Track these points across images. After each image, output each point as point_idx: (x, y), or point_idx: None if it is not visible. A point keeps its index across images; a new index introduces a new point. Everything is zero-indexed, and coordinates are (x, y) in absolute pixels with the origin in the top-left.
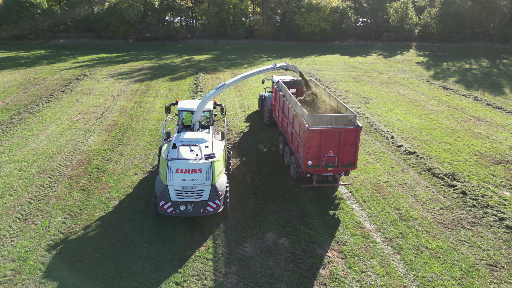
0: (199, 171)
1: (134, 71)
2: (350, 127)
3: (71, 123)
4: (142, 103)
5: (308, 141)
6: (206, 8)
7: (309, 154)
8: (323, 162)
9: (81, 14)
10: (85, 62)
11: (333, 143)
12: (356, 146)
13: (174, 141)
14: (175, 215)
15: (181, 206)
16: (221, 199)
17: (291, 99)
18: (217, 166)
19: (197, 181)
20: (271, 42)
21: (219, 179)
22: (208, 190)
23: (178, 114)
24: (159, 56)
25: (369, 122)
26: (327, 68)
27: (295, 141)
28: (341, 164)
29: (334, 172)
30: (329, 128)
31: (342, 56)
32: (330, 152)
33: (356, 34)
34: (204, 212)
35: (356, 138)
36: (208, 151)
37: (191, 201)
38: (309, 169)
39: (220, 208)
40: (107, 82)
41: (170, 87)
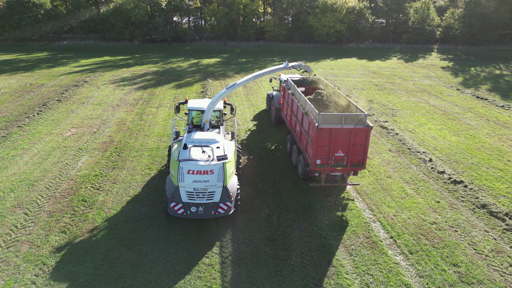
0: (211, 172)
1: (137, 76)
2: (360, 126)
3: (62, 139)
4: (144, 114)
5: (318, 139)
6: (215, 9)
7: (318, 153)
8: (332, 161)
9: (86, 15)
10: (87, 66)
11: (342, 142)
12: (366, 146)
13: (185, 141)
14: (185, 216)
15: (192, 208)
16: (232, 201)
17: (300, 97)
18: (228, 167)
19: (208, 182)
20: (282, 44)
21: (230, 180)
22: (220, 192)
23: (188, 113)
24: (165, 59)
25: (400, 139)
26: (345, 74)
27: (303, 140)
28: (350, 163)
29: (343, 172)
30: (339, 127)
31: (359, 60)
32: (339, 151)
33: (374, 36)
34: (215, 214)
35: (366, 138)
36: (220, 152)
37: (202, 203)
38: (317, 168)
39: (231, 210)
40: (108, 89)
41: (176, 96)
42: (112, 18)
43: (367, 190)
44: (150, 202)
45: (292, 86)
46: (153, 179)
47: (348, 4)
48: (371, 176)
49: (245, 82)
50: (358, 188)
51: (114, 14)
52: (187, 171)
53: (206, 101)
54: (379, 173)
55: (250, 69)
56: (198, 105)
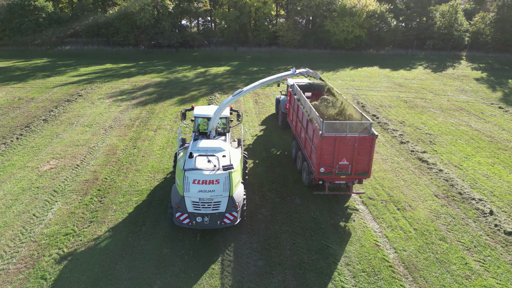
0: (216, 182)
1: (138, 88)
2: (365, 135)
3: (37, 176)
4: (139, 140)
5: (321, 147)
6: (226, 12)
7: (322, 161)
8: (336, 170)
9: (89, 19)
10: (86, 75)
11: (347, 151)
12: (371, 155)
13: (191, 149)
14: (191, 227)
15: (198, 218)
16: (238, 211)
17: (306, 104)
18: (234, 177)
19: (214, 192)
20: (296, 50)
21: (236, 190)
22: (226, 202)
23: (194, 120)
24: (171, 68)
25: (446, 179)
26: (369, 87)
27: (308, 147)
28: (355, 172)
29: (347, 180)
30: (344, 135)
31: (382, 69)
32: (343, 159)
33: (396, 42)
34: (221, 224)
35: (371, 147)
36: (226, 161)
37: (208, 213)
38: (321, 176)
39: (237, 220)
40: (103, 105)
41: (178, 114)
42: (116, 22)
43: (416, 261)
44: None
45: (298, 92)
46: (140, 238)
47: (368, 7)
48: (419, 238)
49: (252, 89)
50: (404, 259)
51: (118, 18)
52: (193, 180)
53: (212, 108)
54: (428, 232)
55: None
56: (204, 112)
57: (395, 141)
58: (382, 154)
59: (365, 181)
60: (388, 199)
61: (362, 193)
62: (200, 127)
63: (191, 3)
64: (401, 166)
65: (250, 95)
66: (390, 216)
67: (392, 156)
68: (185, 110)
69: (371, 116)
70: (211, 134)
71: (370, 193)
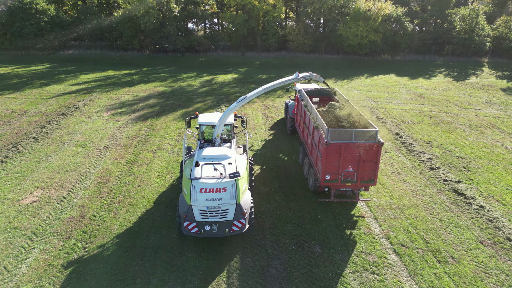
0: (223, 190)
1: (139, 99)
2: (371, 142)
3: (16, 212)
4: (136, 164)
5: (327, 155)
6: (234, 15)
7: (327, 168)
8: (342, 177)
9: (93, 22)
10: (86, 83)
11: (352, 158)
12: (377, 162)
13: (197, 158)
14: (199, 235)
15: (206, 227)
16: (246, 218)
17: (312, 110)
18: (241, 184)
19: (221, 200)
20: (307, 56)
21: (243, 197)
22: (233, 210)
23: (199, 128)
24: (175, 75)
25: (490, 219)
26: (387, 98)
27: (314, 153)
28: (361, 179)
29: (353, 188)
30: (349, 143)
31: (399, 78)
32: (349, 167)
33: (413, 47)
34: (229, 232)
35: (377, 154)
36: (232, 169)
37: (216, 221)
38: (327, 183)
39: (246, 227)
40: (100, 120)
41: (181, 131)
42: (120, 26)
43: None
44: None
45: (305, 97)
46: None
47: (384, 11)
48: None
49: (255, 95)
50: None
51: (122, 22)
52: (200, 189)
53: (217, 115)
54: None
55: (272, 91)
56: (209, 119)
57: (423, 167)
58: (411, 184)
59: (395, 221)
60: (424, 247)
61: (369, 200)
62: (205, 134)
63: (197, 6)
64: (434, 200)
65: (260, 107)
66: (430, 272)
67: (422, 187)
68: (190, 118)
69: (393, 135)
70: (216, 141)
71: (402, 237)
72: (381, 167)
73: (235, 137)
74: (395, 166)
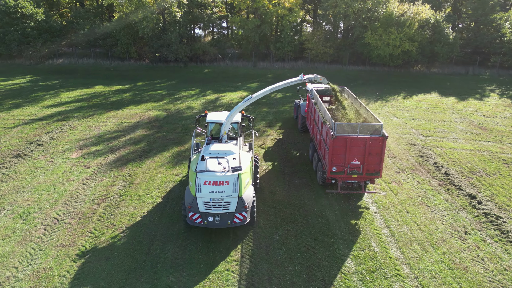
0: (226, 183)
1: (123, 131)
2: (376, 136)
3: None
4: (92, 257)
5: (333, 148)
6: (245, 19)
7: (333, 161)
8: (348, 169)
9: (86, 28)
10: (64, 105)
11: (358, 151)
12: (382, 155)
13: (203, 153)
14: (203, 226)
15: (209, 218)
16: (248, 211)
17: (321, 107)
18: (244, 178)
19: (224, 193)
20: (328, 66)
21: (246, 191)
22: (235, 202)
23: (207, 126)
24: (174, 92)
25: None
26: (439, 131)
27: (322, 147)
28: (366, 172)
29: (359, 180)
30: (355, 136)
31: (444, 98)
32: (355, 159)
33: (453, 58)
34: (231, 223)
35: (382, 147)
36: (235, 164)
37: (218, 213)
38: (333, 175)
39: (247, 220)
40: (64, 165)
41: (168, 187)
42: (115, 32)
43: None
44: None
45: (316, 96)
46: None
47: (421, 15)
48: None
49: (261, 95)
50: None
51: (118, 28)
52: (204, 181)
53: (224, 114)
54: None
55: (288, 114)
56: (217, 118)
57: None
58: None
59: None
60: None
61: (374, 192)
62: (212, 132)
63: (203, 10)
64: None
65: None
66: None
67: None
68: (199, 116)
69: (466, 197)
70: (223, 138)
71: None
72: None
73: (242, 135)
74: (490, 267)
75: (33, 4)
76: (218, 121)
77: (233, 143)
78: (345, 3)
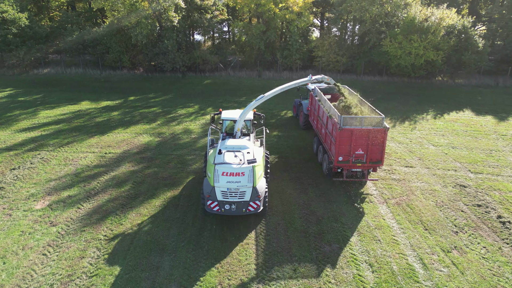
0: (242, 174)
1: (106, 165)
2: (378, 127)
3: None
4: None
5: (340, 139)
6: (248, 24)
7: (340, 151)
8: (353, 159)
9: (74, 34)
10: (41, 128)
11: (362, 142)
12: (383, 145)
13: (220, 147)
14: (220, 213)
15: (226, 206)
16: (261, 200)
17: (326, 103)
18: (257, 170)
19: (240, 183)
20: (341, 77)
21: (259, 182)
22: (250, 192)
23: (222, 123)
24: (170, 109)
25: None
26: (489, 164)
27: (328, 140)
28: (369, 160)
29: (362, 168)
30: (359, 128)
31: (480, 117)
32: (359, 149)
33: (482, 68)
34: (246, 211)
35: (384, 138)
36: (250, 157)
37: (234, 201)
38: (340, 164)
39: (260, 208)
40: (25, 220)
41: (156, 263)
42: (106, 39)
43: None
44: None
45: (319, 94)
46: None
47: (447, 20)
48: None
49: (272, 94)
50: None
51: (109, 34)
52: (222, 173)
53: (238, 111)
54: None
55: (300, 141)
56: (231, 115)
57: None
58: None
59: None
60: None
61: (376, 180)
62: (227, 129)
63: (203, 14)
64: None
65: None
66: None
67: None
68: (214, 114)
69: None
70: (236, 134)
71: None
72: None
73: (254, 132)
74: None
75: (16, 8)
76: (233, 118)
77: (246, 139)
78: (361, 7)
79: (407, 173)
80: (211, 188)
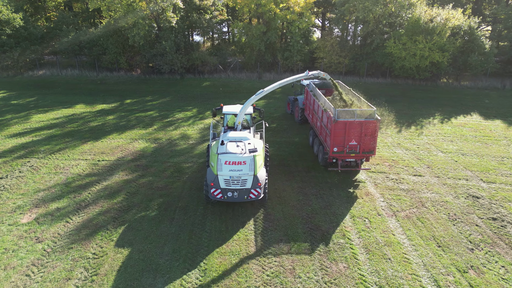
0: (243, 163)
1: (98, 174)
2: (370, 119)
3: None
4: None
5: (335, 131)
6: (248, 25)
7: (335, 142)
8: (347, 149)
9: (70, 35)
10: (33, 133)
11: (355, 133)
12: (375, 136)
13: (222, 138)
14: (223, 200)
15: (228, 193)
16: (261, 188)
17: (321, 98)
18: (258, 160)
19: (242, 171)
20: (343, 78)
21: (259, 171)
22: (251, 180)
23: (223, 117)
24: (167, 113)
25: None
26: (501, 173)
27: (323, 132)
28: (362, 151)
29: (356, 158)
30: (352, 120)
31: (489, 121)
32: (352, 140)
33: (488, 70)
34: (247, 198)
35: (375, 129)
36: (251, 147)
37: (236, 189)
38: (335, 154)
39: (261, 195)
40: (10, 236)
41: (148, 286)
42: (103, 40)
43: None
44: None
45: (314, 89)
46: None
47: (452, 21)
48: None
49: (271, 89)
50: None
51: (106, 35)
52: (224, 162)
53: (238, 106)
54: None
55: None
56: (231, 110)
57: None
58: None
59: None
60: None
61: (369, 169)
62: (228, 122)
63: (202, 15)
64: None
65: None
66: None
67: None
68: (216, 109)
69: None
70: (237, 127)
71: None
72: None
73: (254, 125)
74: None
75: (11, 8)
76: (233, 112)
77: (247, 131)
78: (364, 7)
79: (416, 183)
80: (215, 176)
